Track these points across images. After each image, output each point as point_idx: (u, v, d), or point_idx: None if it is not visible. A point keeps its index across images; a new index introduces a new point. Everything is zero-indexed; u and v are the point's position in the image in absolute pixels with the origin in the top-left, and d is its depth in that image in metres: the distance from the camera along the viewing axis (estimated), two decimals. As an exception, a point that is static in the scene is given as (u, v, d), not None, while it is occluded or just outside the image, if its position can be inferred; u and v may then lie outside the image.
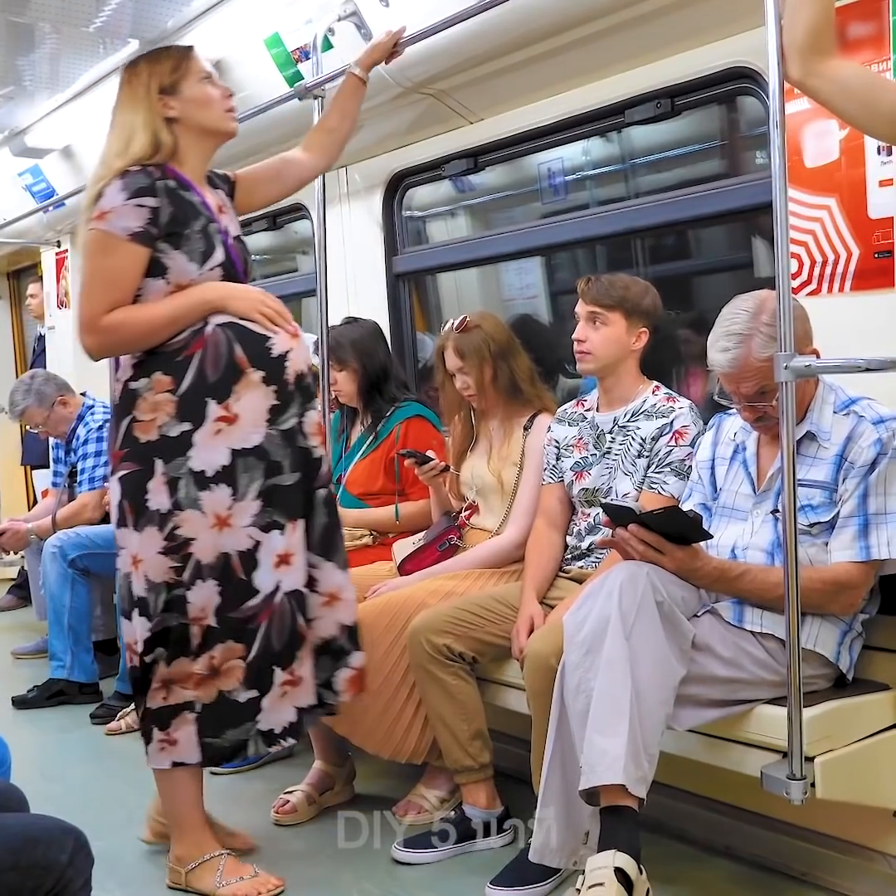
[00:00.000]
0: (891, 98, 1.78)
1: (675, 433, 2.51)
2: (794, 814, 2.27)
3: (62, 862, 1.44)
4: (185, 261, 2.25)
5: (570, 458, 2.69)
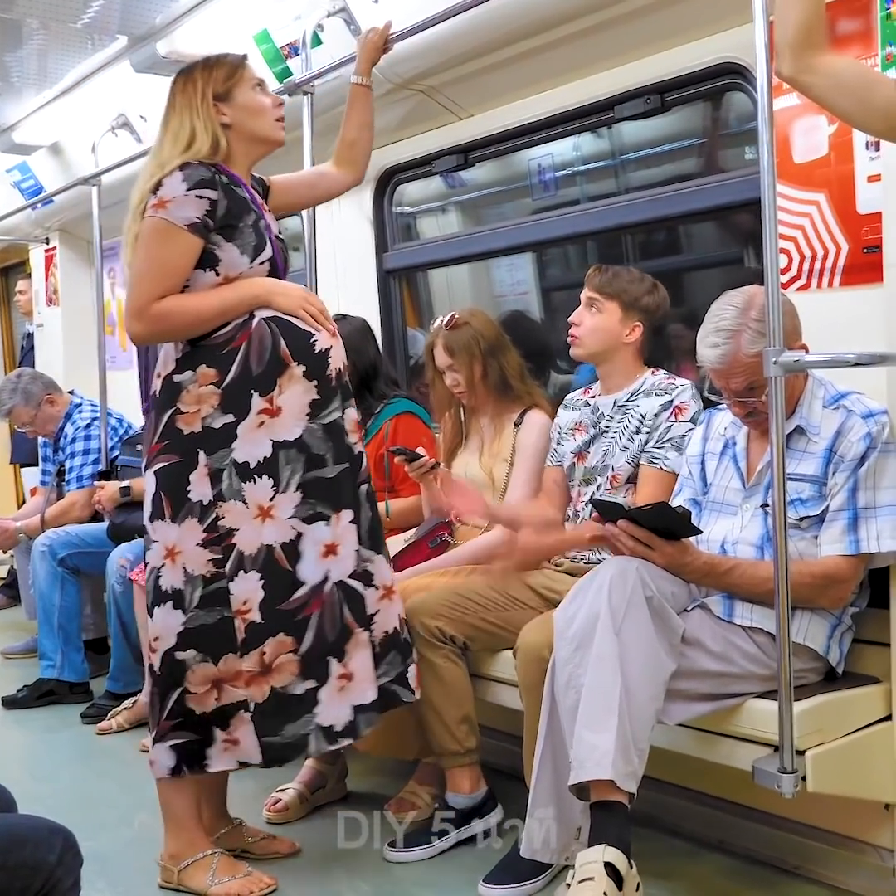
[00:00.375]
0: (885, 92, 1.78)
1: (676, 409, 2.53)
2: (785, 807, 2.28)
3: (51, 862, 1.43)
4: (237, 254, 2.29)
5: (570, 442, 2.72)
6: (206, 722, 2.28)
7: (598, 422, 2.66)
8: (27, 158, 5.14)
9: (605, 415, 2.65)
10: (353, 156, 2.70)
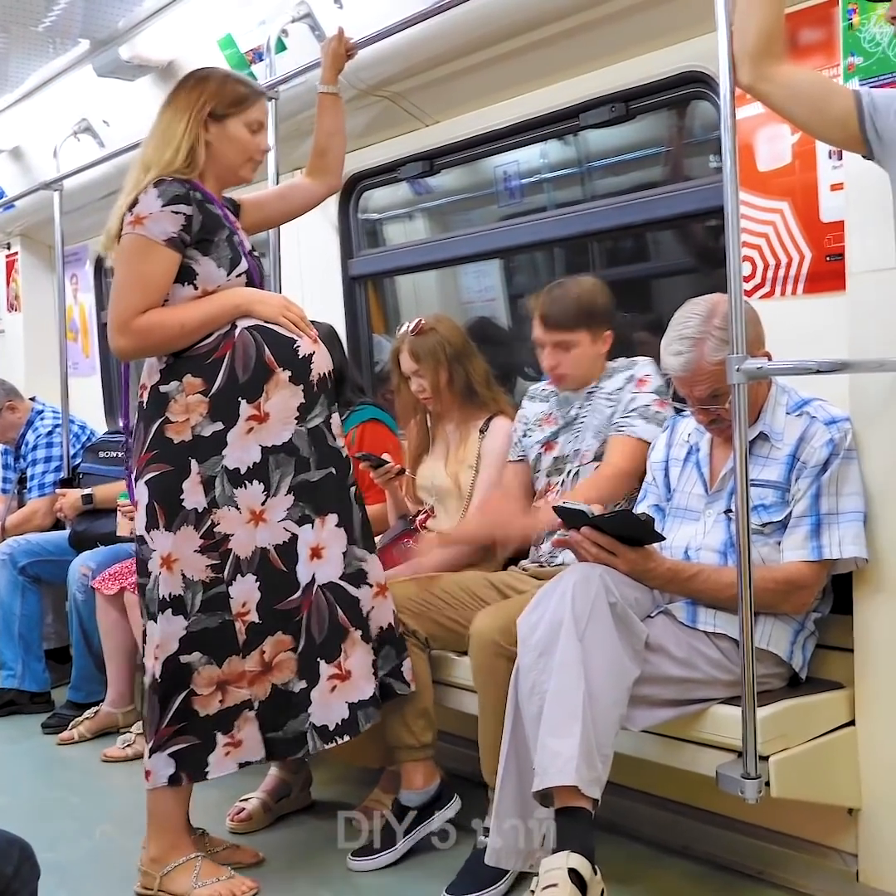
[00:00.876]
0: (842, 103, 1.80)
1: (638, 381, 2.56)
2: (749, 812, 2.29)
3: (7, 874, 1.41)
4: (214, 267, 2.31)
5: (537, 433, 2.72)
6: (209, 725, 2.31)
7: (569, 411, 2.66)
8: (-10, 163, 5.08)
9: (575, 404, 2.65)
10: (325, 164, 2.69)
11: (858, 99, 1.80)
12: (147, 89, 3.78)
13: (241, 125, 2.37)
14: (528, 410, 2.79)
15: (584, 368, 2.62)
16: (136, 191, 2.31)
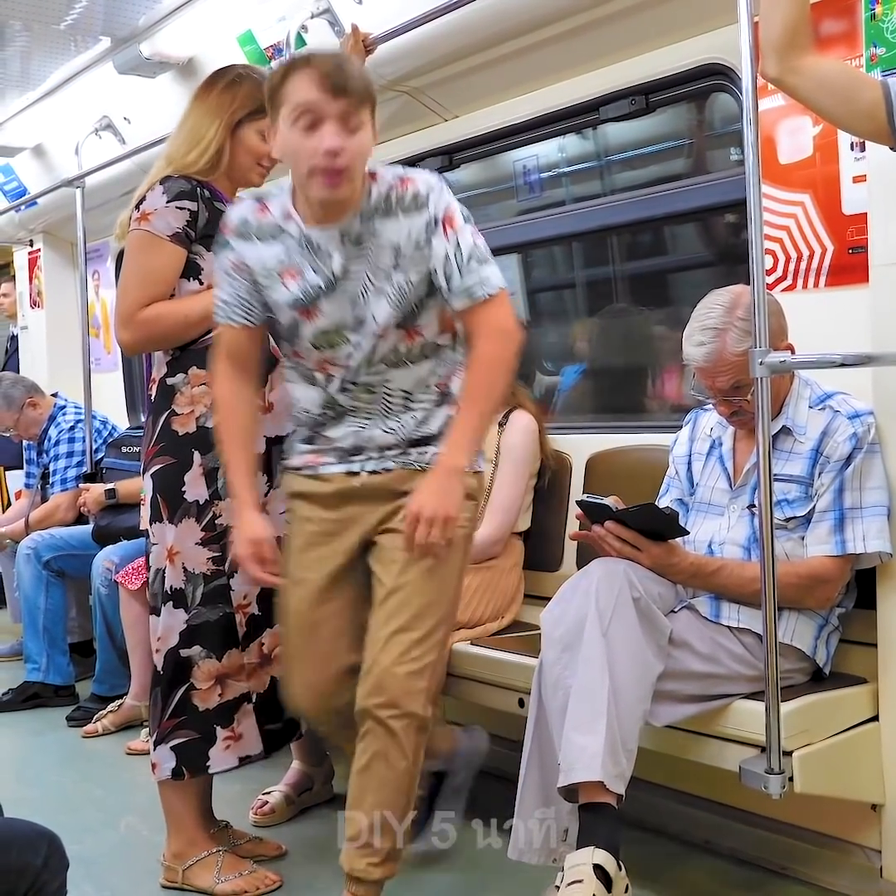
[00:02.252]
0: (870, 94, 1.78)
1: (445, 221, 2.01)
2: (772, 808, 2.28)
3: (36, 865, 1.43)
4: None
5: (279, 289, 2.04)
6: (209, 719, 2.32)
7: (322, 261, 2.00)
8: (10, 160, 5.11)
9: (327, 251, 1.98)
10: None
11: (886, 90, 1.79)
12: (168, 86, 3.79)
13: (253, 132, 2.37)
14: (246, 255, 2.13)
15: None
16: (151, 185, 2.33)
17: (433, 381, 2.07)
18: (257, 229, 2.02)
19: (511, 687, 2.42)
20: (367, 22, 2.75)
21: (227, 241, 2.06)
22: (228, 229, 2.05)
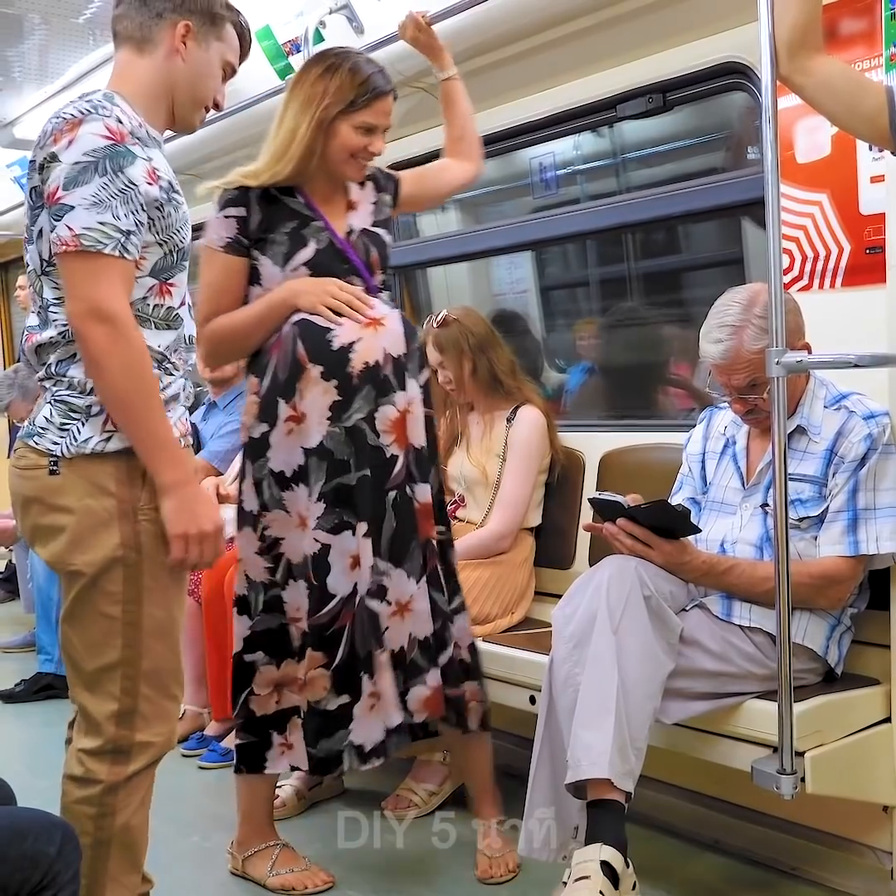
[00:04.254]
0: (874, 100, 1.79)
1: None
2: (782, 808, 2.28)
3: (50, 854, 1.43)
4: (270, 264, 2.26)
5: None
6: (265, 725, 2.32)
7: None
8: (28, 154, 5.11)
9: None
10: (460, 150, 2.59)
11: (891, 96, 1.79)
12: (184, 81, 3.80)
13: (347, 127, 2.24)
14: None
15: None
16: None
17: None
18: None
19: (522, 684, 2.43)
20: (385, 18, 2.75)
21: (128, 149, 1.69)
22: (125, 136, 1.70)
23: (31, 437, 1.75)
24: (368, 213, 2.37)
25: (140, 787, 1.78)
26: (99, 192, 1.65)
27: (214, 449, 3.86)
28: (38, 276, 1.75)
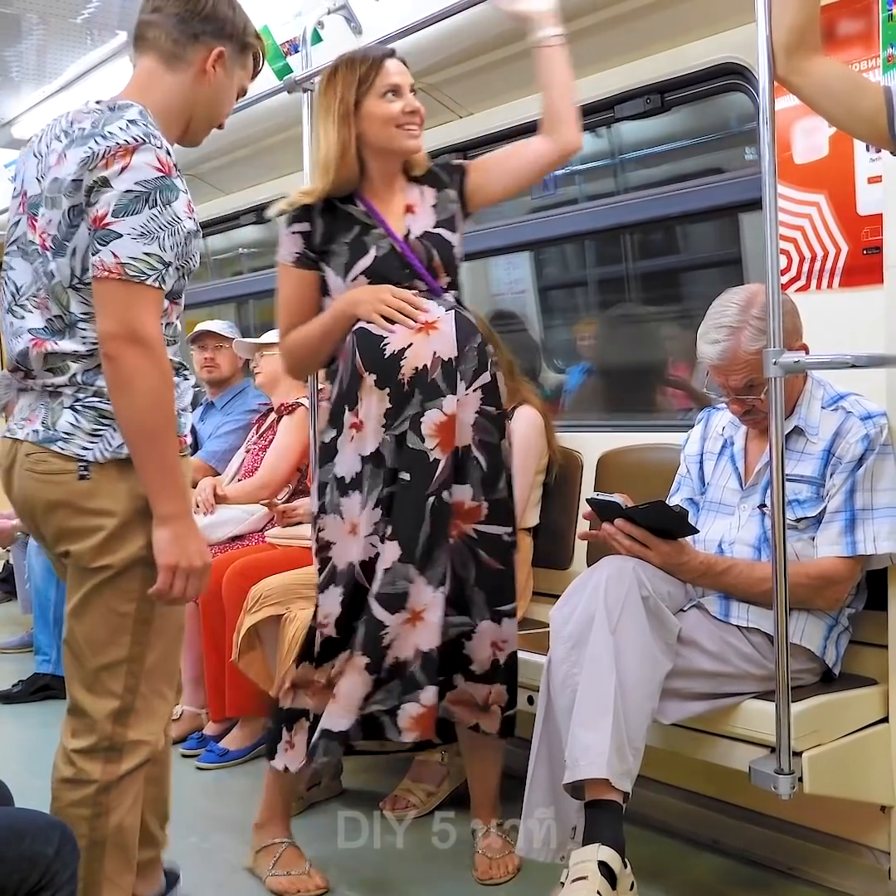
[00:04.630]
0: (871, 101, 1.79)
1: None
2: (780, 808, 2.28)
3: (48, 855, 1.44)
4: (333, 275, 2.29)
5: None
6: (280, 718, 2.36)
7: None
8: (25, 153, 5.12)
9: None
10: (550, 121, 2.32)
11: (889, 96, 1.79)
12: (182, 81, 3.80)
13: (376, 98, 2.24)
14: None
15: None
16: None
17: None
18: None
19: (520, 684, 2.42)
20: (383, 18, 2.75)
21: (174, 182, 1.75)
22: (172, 169, 1.76)
23: (52, 442, 1.77)
24: (429, 215, 2.34)
25: (131, 787, 1.81)
26: (148, 224, 1.69)
27: (212, 449, 3.86)
28: (64, 289, 1.77)
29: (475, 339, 2.25)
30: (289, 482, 3.54)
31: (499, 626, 2.28)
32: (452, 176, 2.38)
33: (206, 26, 1.85)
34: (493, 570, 2.27)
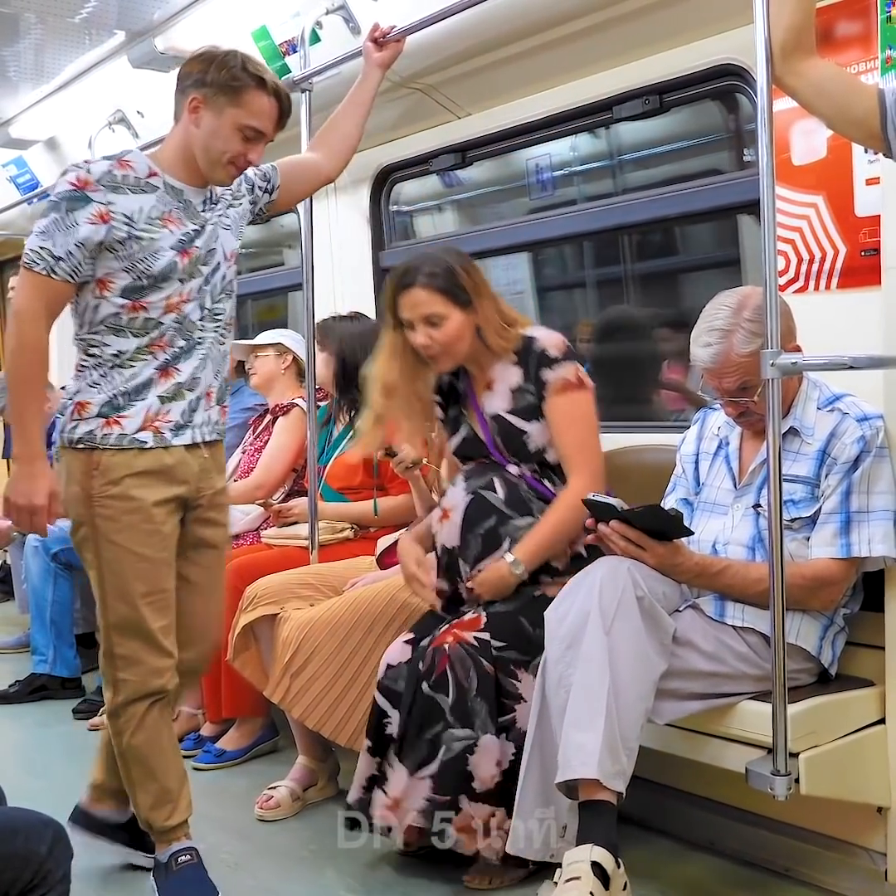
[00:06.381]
0: (865, 103, 1.79)
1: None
2: (776, 809, 2.28)
3: (41, 853, 1.43)
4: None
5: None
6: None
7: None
8: (23, 153, 5.12)
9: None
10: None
11: (882, 98, 1.79)
12: (181, 81, 3.80)
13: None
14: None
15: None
16: None
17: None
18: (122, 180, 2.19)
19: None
20: (382, 19, 2.75)
21: (86, 195, 2.14)
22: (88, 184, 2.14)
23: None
24: (506, 400, 2.42)
25: (133, 717, 2.24)
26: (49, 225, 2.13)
27: None
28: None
29: (479, 526, 2.36)
30: (284, 482, 3.55)
31: (500, 744, 2.24)
32: (540, 369, 2.39)
33: (185, 81, 2.25)
34: (491, 677, 2.25)
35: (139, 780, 2.28)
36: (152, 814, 2.29)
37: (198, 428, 2.29)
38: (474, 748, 2.21)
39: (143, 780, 2.28)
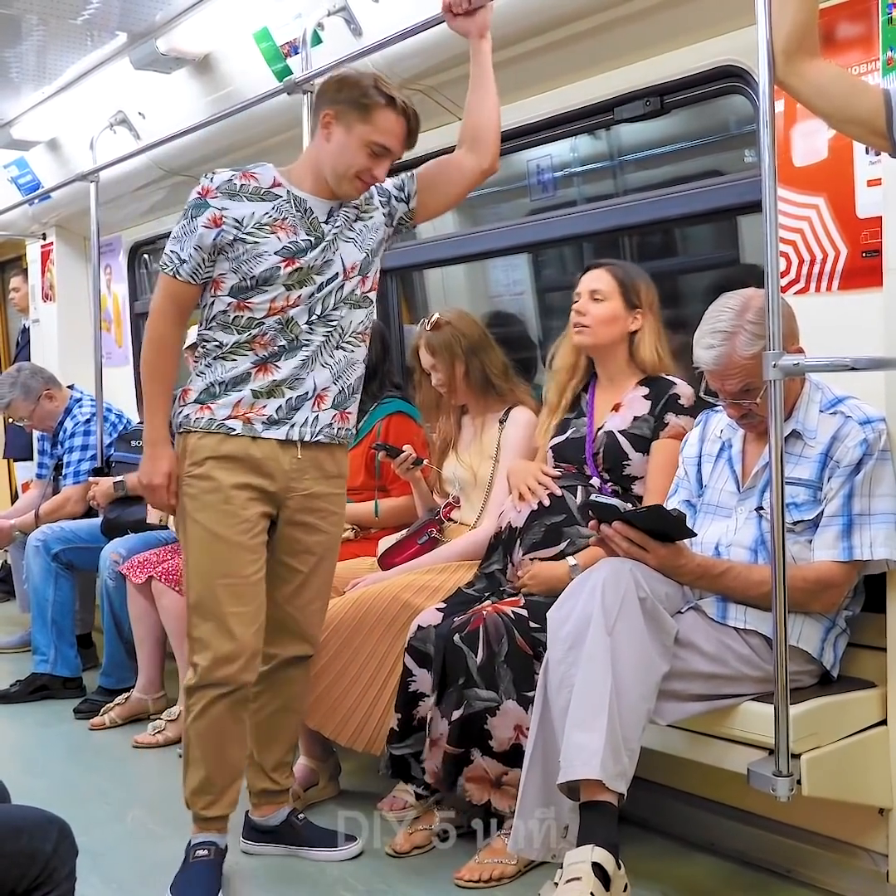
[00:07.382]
0: (870, 103, 1.79)
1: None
2: (778, 810, 2.28)
3: (46, 851, 1.43)
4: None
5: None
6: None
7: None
8: (25, 154, 5.12)
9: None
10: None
11: (888, 98, 1.79)
12: (183, 82, 3.80)
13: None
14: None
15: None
16: None
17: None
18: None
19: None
20: (383, 20, 2.75)
21: (206, 201, 2.28)
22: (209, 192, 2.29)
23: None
24: (626, 423, 2.58)
25: (198, 701, 2.30)
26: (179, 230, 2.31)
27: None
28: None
29: (552, 519, 2.52)
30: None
31: (525, 712, 2.26)
32: (667, 412, 2.56)
33: (321, 99, 2.36)
34: (524, 653, 2.31)
35: (191, 761, 2.34)
36: (193, 797, 2.35)
37: (298, 426, 2.32)
38: (496, 711, 2.28)
39: (195, 762, 2.34)
